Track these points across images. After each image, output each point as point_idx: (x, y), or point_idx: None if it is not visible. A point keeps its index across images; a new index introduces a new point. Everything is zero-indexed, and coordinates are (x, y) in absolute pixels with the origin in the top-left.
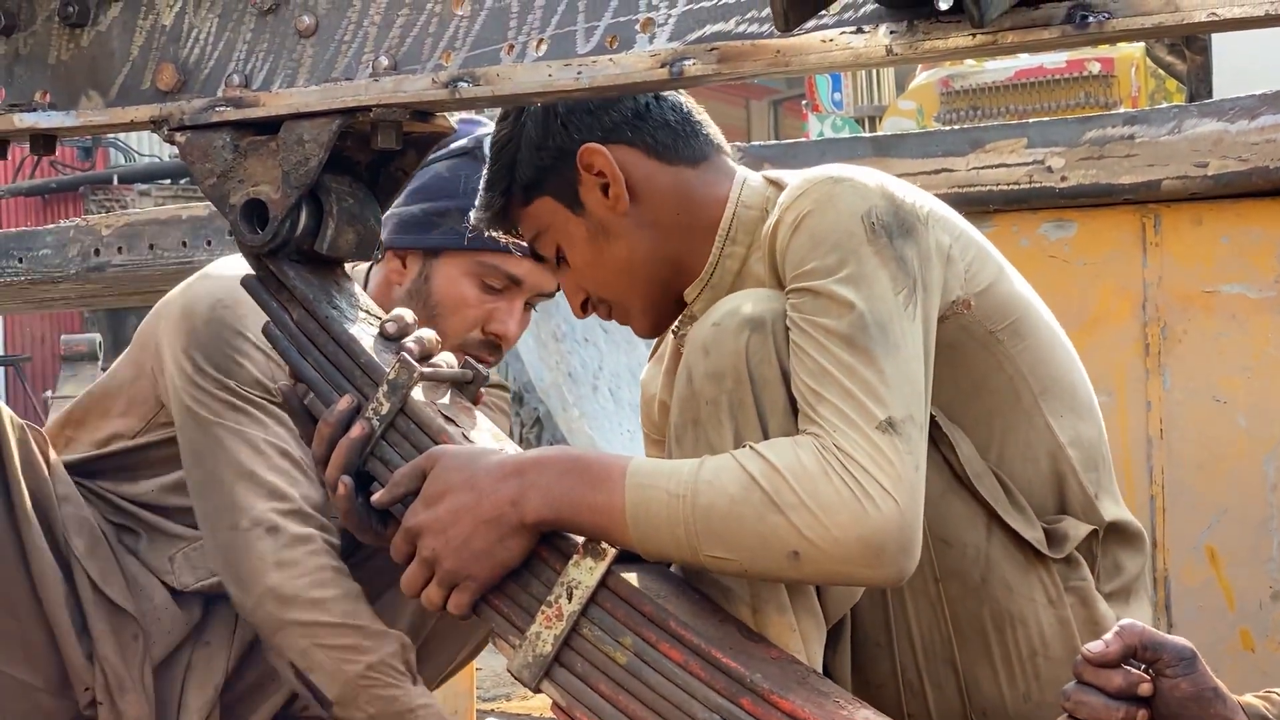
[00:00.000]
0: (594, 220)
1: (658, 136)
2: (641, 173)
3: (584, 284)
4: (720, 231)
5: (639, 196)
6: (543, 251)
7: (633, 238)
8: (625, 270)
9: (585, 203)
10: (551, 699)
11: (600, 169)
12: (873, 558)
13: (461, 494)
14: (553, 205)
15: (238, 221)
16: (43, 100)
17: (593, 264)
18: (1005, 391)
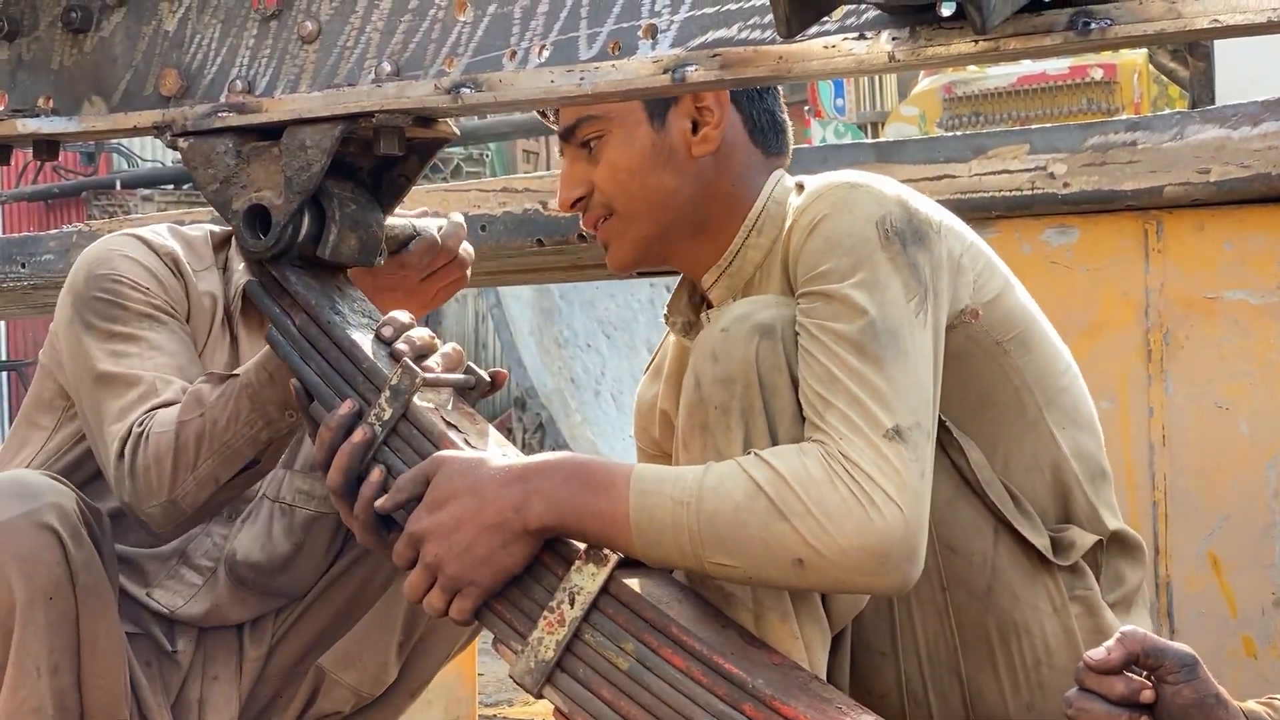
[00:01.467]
0: (665, 141)
1: (761, 116)
2: (731, 136)
3: (602, 185)
4: (748, 221)
5: (718, 152)
6: (581, 132)
7: (687, 180)
8: (658, 202)
9: (669, 122)
10: (554, 705)
11: (709, 106)
12: (877, 566)
13: (465, 500)
14: (634, 103)
15: (240, 227)
16: (46, 105)
17: (633, 174)
18: (1011, 402)
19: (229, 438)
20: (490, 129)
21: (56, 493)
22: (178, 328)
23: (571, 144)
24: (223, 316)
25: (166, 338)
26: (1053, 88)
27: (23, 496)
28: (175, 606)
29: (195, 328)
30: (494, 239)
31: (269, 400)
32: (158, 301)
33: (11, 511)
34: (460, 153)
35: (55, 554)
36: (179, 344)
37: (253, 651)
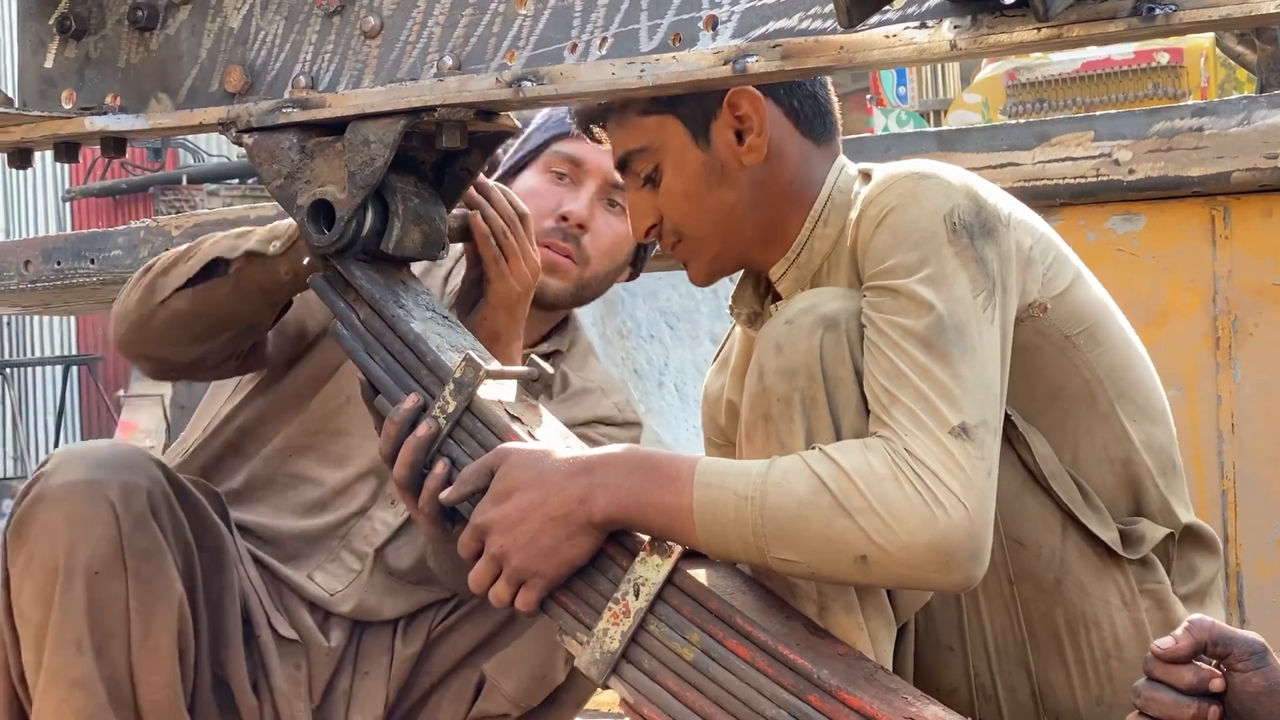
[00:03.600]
0: (714, 159)
1: (803, 104)
2: (778, 133)
3: (668, 212)
4: (814, 212)
5: (768, 155)
6: (635, 167)
7: (744, 190)
8: (723, 218)
9: (713, 139)
10: (619, 695)
11: (747, 114)
12: (941, 564)
13: (530, 491)
14: (676, 128)
15: (304, 222)
16: (113, 103)
17: (691, 198)
18: (1081, 395)
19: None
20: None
21: (134, 470)
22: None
23: (628, 177)
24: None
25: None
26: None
27: (97, 464)
28: (334, 590)
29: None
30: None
31: (278, 233)
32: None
33: (77, 475)
34: None
35: (108, 529)
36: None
37: (405, 650)
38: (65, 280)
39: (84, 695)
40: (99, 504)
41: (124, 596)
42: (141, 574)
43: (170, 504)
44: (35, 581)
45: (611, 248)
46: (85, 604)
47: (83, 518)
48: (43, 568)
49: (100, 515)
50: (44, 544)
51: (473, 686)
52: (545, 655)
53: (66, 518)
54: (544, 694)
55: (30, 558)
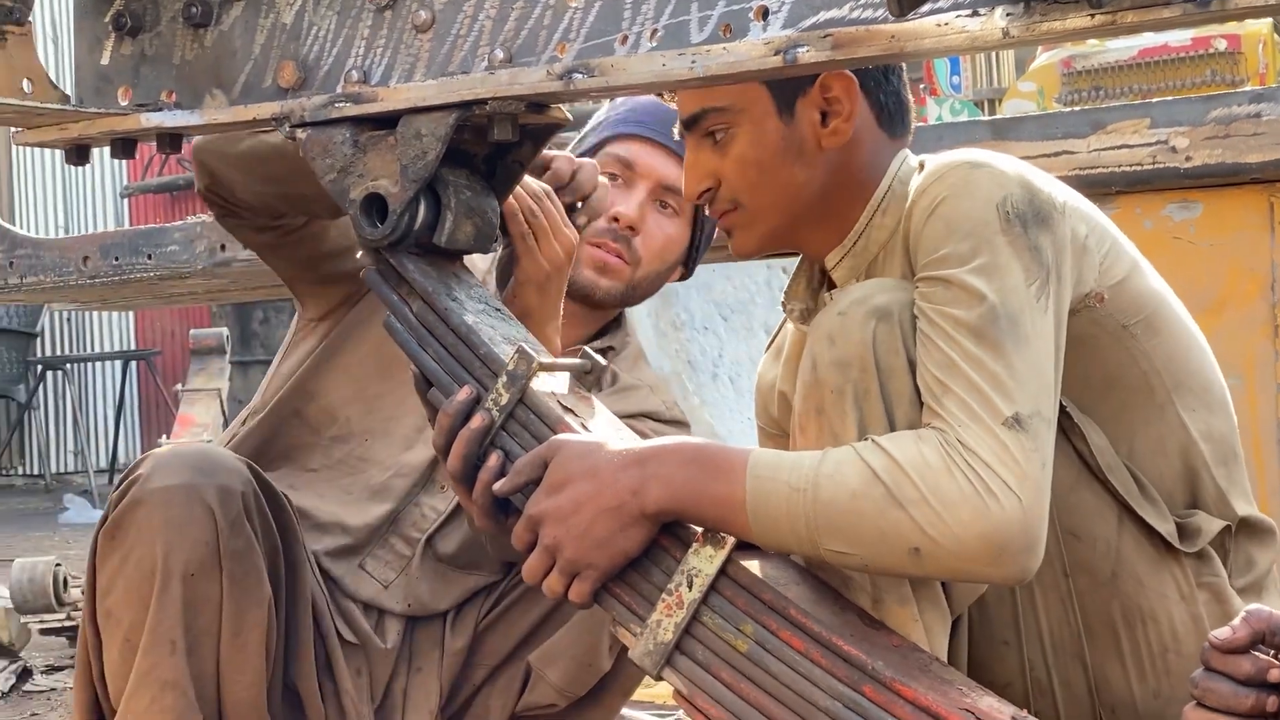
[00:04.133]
0: (794, 134)
1: (888, 100)
2: (859, 124)
3: (732, 178)
4: (873, 201)
5: (848, 143)
6: (707, 124)
7: (817, 172)
8: (788, 194)
9: (797, 114)
10: (673, 686)
11: (839, 98)
12: (995, 556)
13: (583, 483)
14: (762, 95)
15: (357, 216)
16: (168, 100)
17: (761, 169)
18: (1138, 386)
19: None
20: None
21: (229, 474)
22: None
23: (694, 134)
24: None
25: None
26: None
27: (193, 468)
28: (387, 579)
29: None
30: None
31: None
32: None
33: (175, 480)
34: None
35: (206, 533)
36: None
37: (455, 643)
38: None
39: (175, 695)
40: (197, 507)
41: (218, 597)
42: (235, 575)
43: (261, 506)
44: (130, 583)
45: (662, 249)
46: (181, 606)
47: (181, 521)
48: (139, 570)
49: (198, 518)
50: (141, 546)
51: (520, 678)
52: (590, 645)
53: (165, 521)
54: (590, 683)
55: (126, 559)
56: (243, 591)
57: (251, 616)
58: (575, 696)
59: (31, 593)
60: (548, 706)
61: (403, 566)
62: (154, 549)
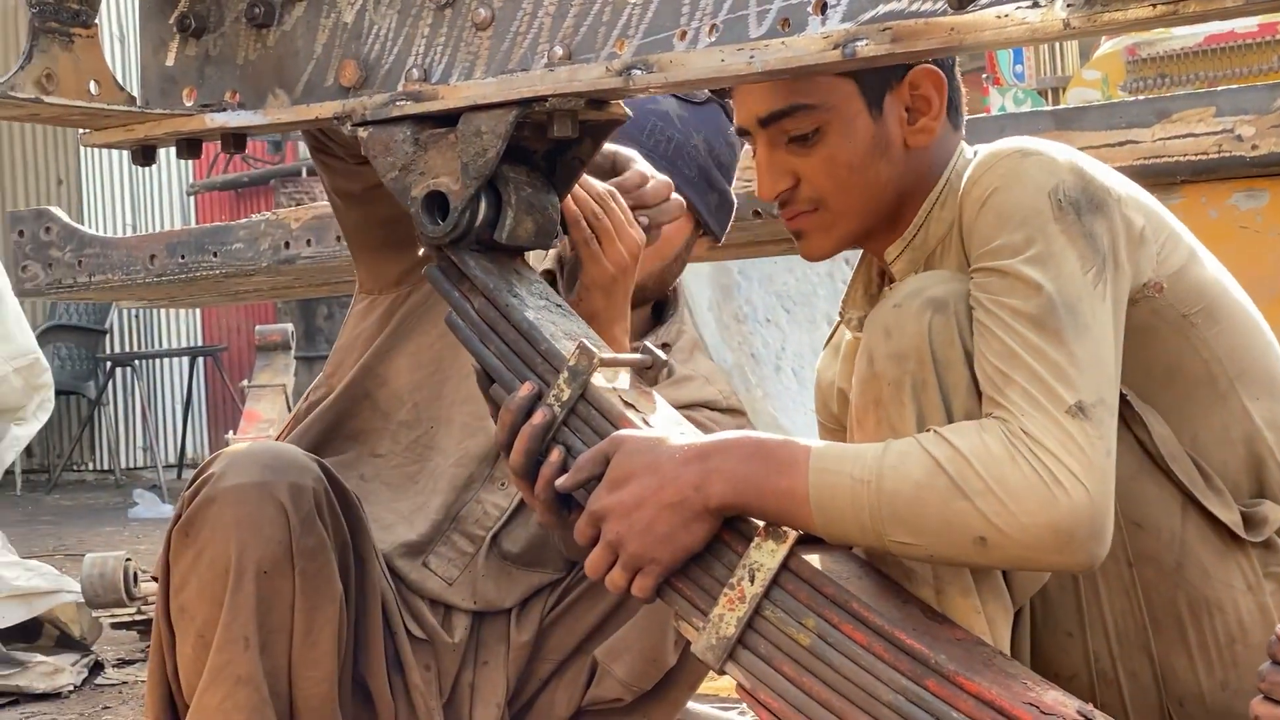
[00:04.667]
0: (883, 133)
1: (955, 93)
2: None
3: (817, 178)
4: (932, 194)
5: (929, 141)
6: (790, 124)
7: (899, 170)
8: (872, 193)
9: (886, 111)
10: (736, 680)
11: (927, 95)
12: (1062, 544)
13: (645, 478)
14: (852, 92)
15: (419, 213)
16: (232, 100)
17: (851, 170)
18: (1200, 375)
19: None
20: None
21: (300, 472)
22: None
23: (770, 131)
24: None
25: None
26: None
27: (265, 466)
28: (451, 577)
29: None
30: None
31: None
32: None
33: (248, 478)
34: None
35: (279, 530)
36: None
37: (520, 637)
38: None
39: (248, 692)
40: (269, 505)
41: (290, 595)
42: (308, 573)
43: (331, 503)
44: (204, 580)
45: (658, 247)
46: (255, 603)
47: (254, 519)
48: (212, 567)
49: (271, 517)
50: (215, 544)
51: (585, 673)
52: (656, 639)
53: (238, 519)
54: (656, 677)
55: (199, 556)
56: (315, 589)
57: (324, 614)
58: (641, 691)
59: (102, 587)
60: (614, 701)
61: (466, 563)
62: (228, 547)
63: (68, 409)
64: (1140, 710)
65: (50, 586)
